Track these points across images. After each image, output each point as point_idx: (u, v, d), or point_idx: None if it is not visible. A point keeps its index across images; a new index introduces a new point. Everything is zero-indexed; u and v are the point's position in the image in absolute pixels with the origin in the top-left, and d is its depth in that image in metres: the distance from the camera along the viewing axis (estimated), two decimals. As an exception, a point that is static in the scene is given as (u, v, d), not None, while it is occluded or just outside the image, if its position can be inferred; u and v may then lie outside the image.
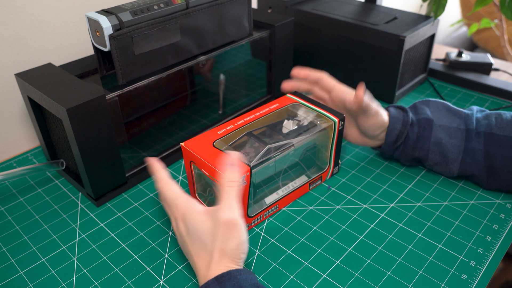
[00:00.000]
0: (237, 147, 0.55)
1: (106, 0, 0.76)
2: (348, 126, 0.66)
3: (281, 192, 0.59)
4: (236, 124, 0.58)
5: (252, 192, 0.54)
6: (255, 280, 0.43)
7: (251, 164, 0.51)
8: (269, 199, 0.57)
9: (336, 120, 0.59)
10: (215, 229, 0.43)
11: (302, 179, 0.61)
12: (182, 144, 0.55)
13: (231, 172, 0.46)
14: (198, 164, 0.53)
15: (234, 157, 0.47)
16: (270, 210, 0.58)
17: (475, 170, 0.60)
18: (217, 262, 0.43)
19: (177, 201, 0.47)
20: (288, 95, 0.65)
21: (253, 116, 0.60)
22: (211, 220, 0.44)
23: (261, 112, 0.60)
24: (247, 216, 0.54)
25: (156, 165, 0.49)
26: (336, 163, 0.64)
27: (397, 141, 0.62)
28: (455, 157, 0.60)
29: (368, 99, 0.59)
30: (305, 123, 0.59)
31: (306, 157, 0.60)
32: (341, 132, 0.61)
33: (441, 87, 0.89)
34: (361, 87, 0.59)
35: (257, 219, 0.56)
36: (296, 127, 0.59)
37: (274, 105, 0.62)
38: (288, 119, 0.60)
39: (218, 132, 0.56)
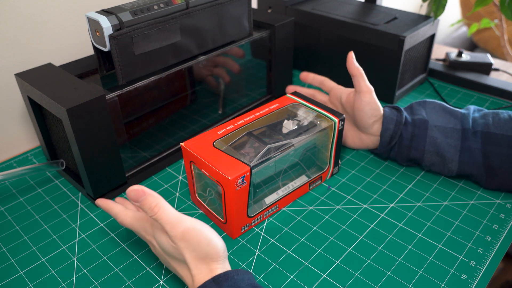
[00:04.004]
0: (237, 147, 0.55)
1: (106, 0, 0.76)
2: (346, 128, 0.69)
3: (281, 192, 0.59)
4: (236, 124, 0.58)
5: (252, 192, 0.54)
6: (252, 280, 0.43)
7: (251, 164, 0.51)
8: (269, 199, 0.57)
9: (336, 120, 0.59)
10: (177, 245, 0.42)
11: (302, 179, 0.61)
12: (182, 144, 0.55)
13: (149, 201, 0.43)
14: (198, 164, 0.53)
15: (135, 188, 0.43)
16: (270, 210, 0.58)
17: (474, 169, 0.60)
18: (197, 270, 0.42)
19: (139, 224, 0.47)
20: (288, 95, 0.65)
21: (253, 116, 0.60)
22: (171, 243, 0.43)
23: (261, 112, 0.60)
24: (247, 216, 0.54)
25: (106, 203, 0.51)
26: (336, 163, 0.64)
27: (391, 141, 0.63)
28: (452, 156, 0.60)
29: (359, 71, 0.64)
30: (305, 123, 0.59)
31: (306, 157, 0.60)
32: (341, 132, 0.61)
33: (441, 87, 0.89)
34: (350, 56, 0.65)
35: (257, 219, 0.56)
36: (296, 127, 0.59)
37: (274, 105, 0.62)
38: (288, 119, 0.60)
39: (218, 132, 0.56)
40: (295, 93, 0.65)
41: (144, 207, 0.43)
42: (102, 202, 0.52)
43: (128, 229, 0.57)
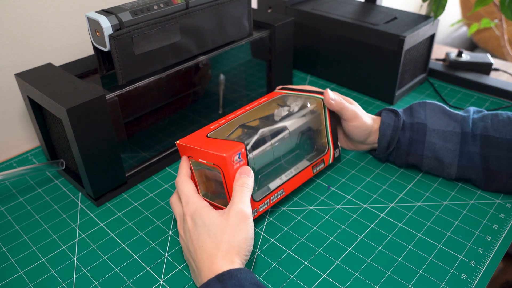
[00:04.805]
0: (231, 137, 0.55)
1: (106, 0, 0.76)
2: (339, 136, 0.69)
3: (284, 178, 0.58)
4: (228, 119, 0.58)
5: (254, 178, 0.54)
6: (255, 279, 0.43)
7: (245, 142, 0.51)
8: (273, 185, 0.57)
9: (323, 97, 0.60)
10: (226, 220, 0.46)
11: (304, 164, 0.60)
12: (177, 142, 0.55)
13: (245, 178, 0.49)
14: (194, 155, 0.53)
15: (248, 169, 0.50)
16: (276, 194, 0.56)
17: (473, 173, 0.60)
18: (223, 255, 0.44)
19: (190, 197, 0.49)
20: (276, 90, 0.66)
21: (243, 110, 0.60)
22: (221, 216, 0.46)
23: (251, 106, 0.61)
24: (253, 200, 0.53)
25: (185, 161, 0.54)
26: (336, 146, 0.64)
27: (389, 146, 0.63)
28: (451, 161, 0.60)
29: (340, 101, 0.60)
30: (296, 109, 0.60)
31: (303, 141, 0.60)
32: (332, 111, 0.62)
33: (441, 87, 0.89)
34: (327, 91, 0.61)
35: (264, 204, 0.55)
36: (287, 112, 0.59)
37: (264, 99, 0.63)
38: (279, 108, 0.60)
39: (211, 127, 0.57)
40: (282, 88, 0.66)
41: (244, 179, 0.49)
42: (184, 157, 0.55)
43: (128, 228, 0.57)
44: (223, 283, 0.41)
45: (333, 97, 0.60)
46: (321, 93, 0.62)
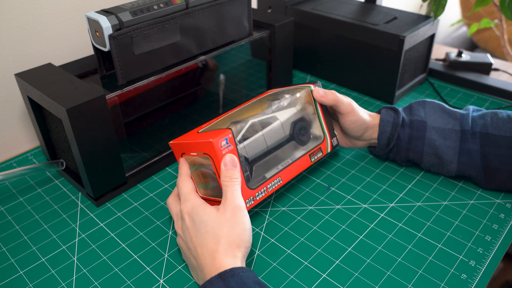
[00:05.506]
0: None
1: (106, 0, 0.76)
2: (335, 129, 0.68)
3: (281, 167, 0.58)
4: (219, 117, 0.59)
5: (248, 166, 0.54)
6: (257, 278, 0.43)
7: (233, 129, 0.52)
8: (269, 175, 0.56)
9: (312, 86, 0.61)
10: (223, 215, 0.46)
11: (300, 152, 0.60)
12: (170, 142, 0.55)
13: (231, 171, 0.49)
14: (187, 151, 0.53)
15: (232, 157, 0.50)
16: (273, 183, 0.56)
17: (472, 171, 0.60)
18: (225, 250, 0.44)
19: (188, 196, 0.50)
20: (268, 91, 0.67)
21: (235, 108, 0.61)
22: (217, 211, 0.47)
23: (243, 104, 0.62)
24: (248, 189, 0.53)
25: (184, 162, 0.54)
26: (332, 135, 0.63)
27: (389, 143, 0.63)
28: (451, 158, 0.60)
29: (332, 93, 0.61)
30: (286, 102, 0.60)
31: (297, 131, 0.60)
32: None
33: (441, 87, 0.89)
34: (317, 88, 0.61)
35: (261, 193, 0.54)
36: (278, 105, 0.59)
37: (254, 98, 0.64)
38: (269, 104, 0.60)
39: (203, 126, 0.57)
40: (271, 88, 0.67)
41: (230, 172, 0.49)
42: (183, 159, 0.55)
43: (128, 228, 0.57)
44: (225, 281, 0.41)
45: (322, 93, 0.60)
46: (308, 82, 0.62)
